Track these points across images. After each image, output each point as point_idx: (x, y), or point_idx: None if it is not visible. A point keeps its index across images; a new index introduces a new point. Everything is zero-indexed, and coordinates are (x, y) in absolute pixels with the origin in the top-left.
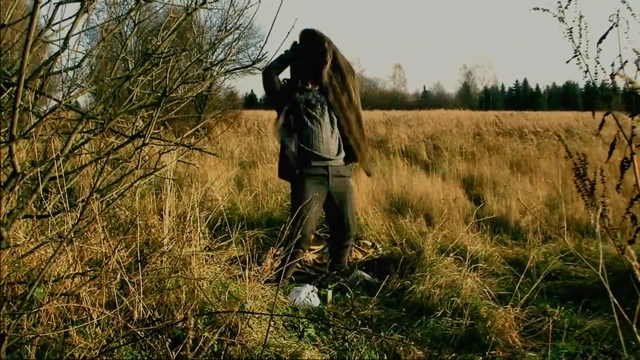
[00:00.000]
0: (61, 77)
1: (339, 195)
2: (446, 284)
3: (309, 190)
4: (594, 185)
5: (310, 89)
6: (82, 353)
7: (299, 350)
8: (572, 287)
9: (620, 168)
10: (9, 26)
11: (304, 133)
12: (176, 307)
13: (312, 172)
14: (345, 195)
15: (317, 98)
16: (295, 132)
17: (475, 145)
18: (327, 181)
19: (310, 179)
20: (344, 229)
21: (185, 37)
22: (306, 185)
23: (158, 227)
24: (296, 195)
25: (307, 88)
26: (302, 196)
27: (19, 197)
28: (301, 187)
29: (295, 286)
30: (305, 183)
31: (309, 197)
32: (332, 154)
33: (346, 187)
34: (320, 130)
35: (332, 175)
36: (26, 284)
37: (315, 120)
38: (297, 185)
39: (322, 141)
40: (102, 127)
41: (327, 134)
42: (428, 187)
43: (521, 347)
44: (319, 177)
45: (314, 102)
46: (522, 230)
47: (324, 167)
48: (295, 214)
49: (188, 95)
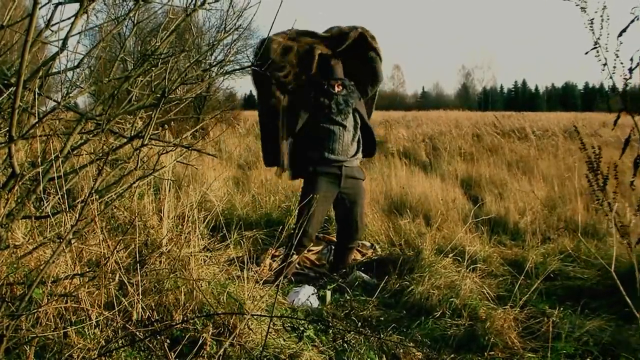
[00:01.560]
0: (60, 77)
1: (350, 197)
2: (445, 284)
3: (320, 188)
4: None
5: (337, 92)
6: (81, 354)
7: (298, 351)
8: (571, 287)
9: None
10: (8, 27)
11: (324, 136)
12: (175, 308)
13: (326, 171)
14: (356, 197)
15: (346, 102)
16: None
17: (474, 145)
18: (339, 181)
19: (323, 177)
20: (352, 231)
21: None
22: (318, 183)
23: (157, 228)
24: (307, 191)
25: (334, 92)
26: (312, 193)
27: (18, 197)
28: (313, 184)
29: (294, 287)
30: (317, 181)
31: (318, 195)
32: (348, 155)
33: (358, 189)
34: (343, 134)
35: (345, 175)
36: (25, 285)
37: (339, 125)
38: (310, 182)
39: (342, 144)
40: (101, 128)
41: (349, 137)
42: (427, 188)
43: (520, 347)
44: (331, 176)
45: (342, 107)
46: (521, 231)
47: (338, 167)
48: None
49: (187, 96)
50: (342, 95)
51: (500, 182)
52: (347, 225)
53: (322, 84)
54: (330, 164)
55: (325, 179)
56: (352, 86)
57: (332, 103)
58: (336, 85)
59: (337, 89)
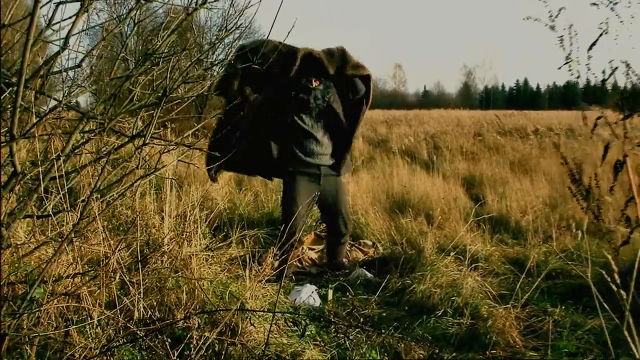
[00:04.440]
0: (61, 77)
1: (331, 194)
2: (447, 283)
3: (299, 187)
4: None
5: (315, 87)
6: (82, 353)
7: (299, 349)
8: (573, 286)
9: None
10: (9, 26)
11: (298, 133)
12: (176, 307)
13: (305, 171)
14: (337, 193)
15: (322, 98)
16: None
17: (476, 144)
18: (318, 180)
19: (303, 177)
20: (340, 226)
21: (186, 37)
22: (297, 182)
23: (158, 227)
24: (287, 192)
25: (312, 87)
26: (292, 193)
27: (20, 197)
28: (292, 185)
29: (296, 286)
30: (296, 181)
31: (300, 194)
32: (325, 154)
33: (338, 185)
34: (319, 133)
35: (324, 174)
36: (26, 284)
37: (313, 120)
38: (289, 183)
39: (320, 144)
40: (103, 127)
41: (325, 136)
42: (428, 187)
43: (522, 346)
44: (310, 176)
45: (319, 102)
46: (522, 229)
47: (317, 167)
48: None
49: (188, 95)
50: (319, 89)
51: (502, 181)
52: (334, 220)
53: (300, 79)
54: (309, 164)
55: (305, 179)
56: (330, 83)
57: (310, 98)
58: (314, 81)
59: (315, 84)
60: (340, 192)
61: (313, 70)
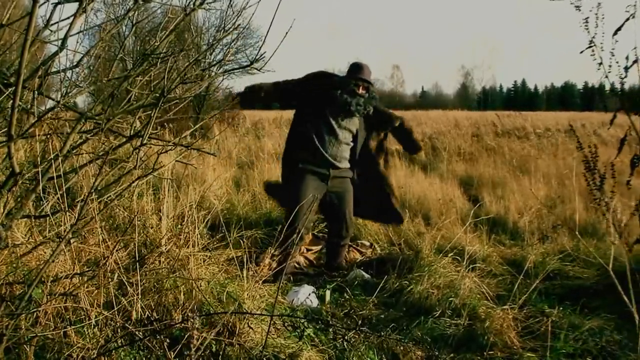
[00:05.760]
0: (59, 77)
1: (338, 195)
2: (444, 284)
3: (307, 184)
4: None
5: (360, 94)
6: (80, 353)
7: (297, 350)
8: (571, 287)
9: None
10: (7, 26)
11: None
12: (174, 308)
13: (315, 169)
14: (344, 194)
15: (364, 106)
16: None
17: (474, 145)
18: (327, 181)
19: (311, 175)
20: (343, 228)
21: (184, 37)
22: (306, 179)
23: (156, 228)
24: (293, 188)
25: (358, 92)
26: (299, 189)
27: (18, 197)
28: (300, 180)
29: (294, 286)
30: (305, 177)
31: (307, 192)
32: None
33: (346, 187)
34: (340, 134)
35: (332, 176)
36: (24, 284)
37: (341, 126)
38: (297, 177)
39: (338, 142)
40: (101, 128)
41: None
42: (426, 188)
43: (519, 347)
44: (320, 175)
45: (359, 108)
46: (520, 230)
47: (327, 169)
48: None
49: (186, 96)
50: (364, 97)
51: (500, 182)
52: (337, 223)
53: (348, 82)
54: (320, 163)
55: (313, 177)
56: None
57: (352, 101)
58: (361, 87)
59: (362, 91)
60: (347, 194)
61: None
